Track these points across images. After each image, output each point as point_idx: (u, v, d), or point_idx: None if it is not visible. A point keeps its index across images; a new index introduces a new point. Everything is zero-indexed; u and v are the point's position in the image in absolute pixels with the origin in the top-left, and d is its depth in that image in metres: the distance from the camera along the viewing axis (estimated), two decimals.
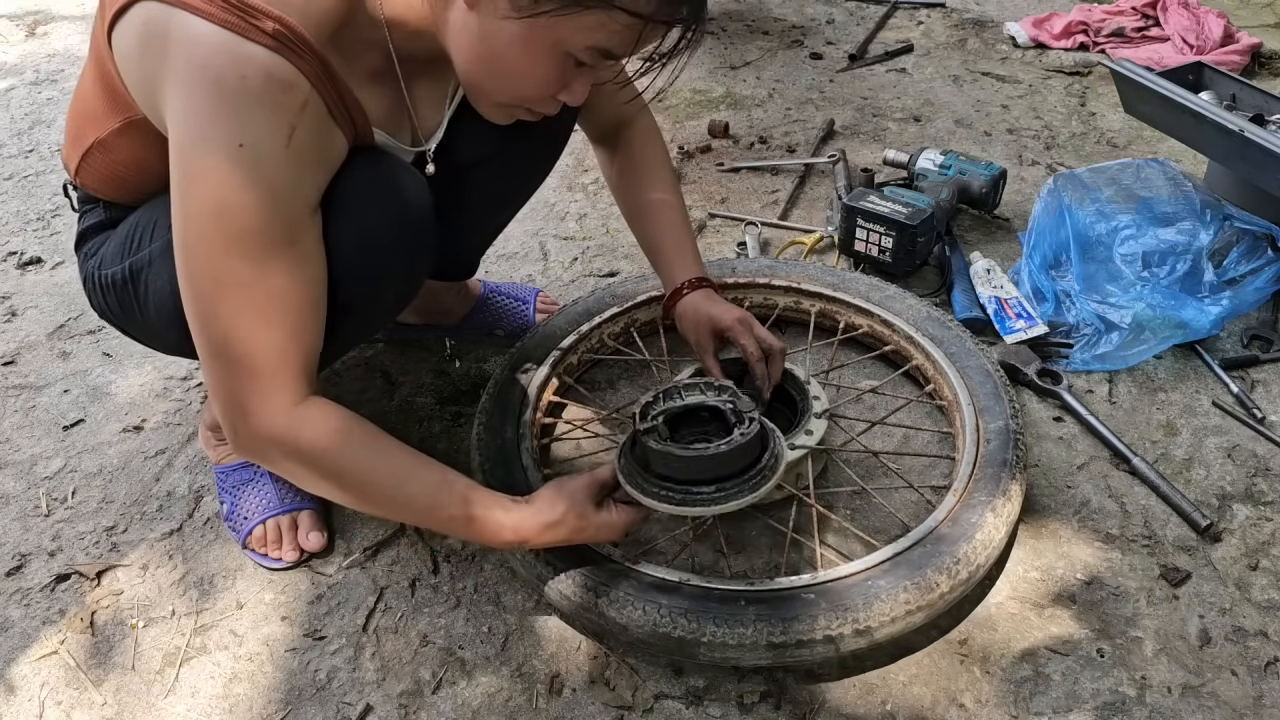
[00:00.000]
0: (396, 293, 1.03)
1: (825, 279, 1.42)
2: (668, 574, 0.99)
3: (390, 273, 0.97)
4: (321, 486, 0.90)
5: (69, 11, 2.94)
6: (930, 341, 1.30)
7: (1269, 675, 0.98)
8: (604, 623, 0.97)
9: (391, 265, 0.96)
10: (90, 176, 1.01)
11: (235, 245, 0.82)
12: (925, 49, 2.52)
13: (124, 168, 0.98)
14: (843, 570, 0.99)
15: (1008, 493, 1.06)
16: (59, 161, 2.10)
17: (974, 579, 1.01)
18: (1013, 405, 1.18)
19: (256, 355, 0.84)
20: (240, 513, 1.15)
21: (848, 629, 0.93)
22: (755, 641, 0.92)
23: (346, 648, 1.04)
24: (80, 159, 0.99)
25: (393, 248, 0.94)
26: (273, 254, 0.83)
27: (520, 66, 0.86)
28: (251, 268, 0.82)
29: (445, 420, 1.34)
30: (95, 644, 1.06)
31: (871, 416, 1.30)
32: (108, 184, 1.02)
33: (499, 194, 1.25)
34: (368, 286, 0.95)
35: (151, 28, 0.80)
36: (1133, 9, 2.52)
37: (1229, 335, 1.43)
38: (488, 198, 1.23)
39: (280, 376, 0.86)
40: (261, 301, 0.84)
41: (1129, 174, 1.55)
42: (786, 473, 1.13)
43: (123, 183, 1.01)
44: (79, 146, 0.99)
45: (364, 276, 0.93)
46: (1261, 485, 1.20)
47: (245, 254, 0.82)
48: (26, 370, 1.48)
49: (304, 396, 0.87)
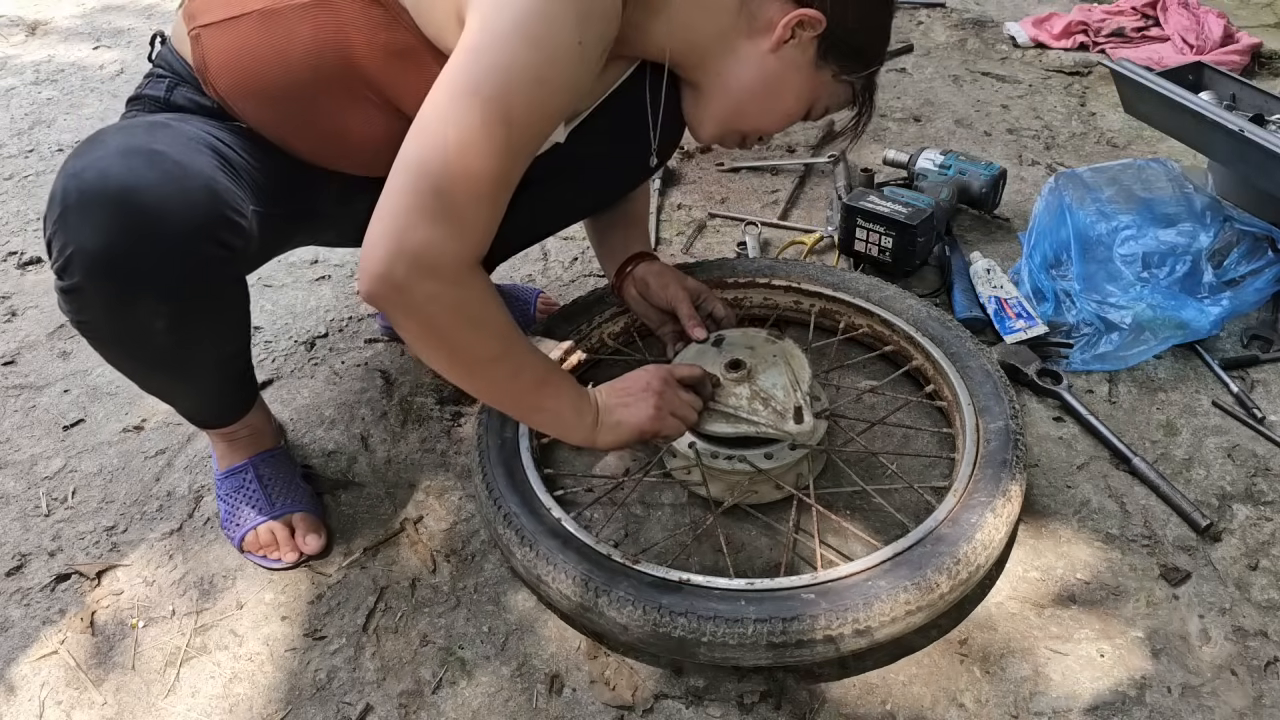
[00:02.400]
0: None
1: (825, 279, 1.43)
2: (667, 574, 0.99)
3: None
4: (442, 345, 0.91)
5: (69, 11, 2.94)
6: (930, 341, 1.30)
7: (1269, 675, 0.98)
8: (604, 622, 0.97)
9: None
10: (213, 43, 0.96)
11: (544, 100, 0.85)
12: (925, 49, 2.52)
13: (265, 50, 0.94)
14: (843, 570, 0.99)
15: (1008, 493, 1.06)
16: (59, 161, 2.10)
17: (974, 579, 1.01)
18: (1013, 405, 1.18)
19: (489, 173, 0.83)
20: (235, 519, 1.15)
21: (848, 629, 0.93)
22: (755, 641, 0.92)
23: (346, 647, 1.04)
24: (218, 20, 0.95)
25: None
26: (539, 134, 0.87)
27: (786, 107, 1.04)
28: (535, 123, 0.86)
29: (445, 420, 1.34)
30: (95, 644, 1.06)
31: (871, 416, 1.30)
32: (220, 57, 0.96)
33: (571, 202, 1.27)
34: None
35: None
36: (1132, 9, 2.52)
37: (1229, 335, 1.43)
38: (560, 204, 1.25)
39: (491, 230, 0.87)
40: (530, 139, 0.86)
41: (1130, 174, 1.55)
42: (786, 473, 1.13)
43: (238, 68, 0.96)
44: (232, 6, 0.94)
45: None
46: (1261, 485, 1.20)
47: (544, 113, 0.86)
48: (27, 370, 1.48)
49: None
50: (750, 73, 1.00)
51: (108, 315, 0.91)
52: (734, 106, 1.04)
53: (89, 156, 0.86)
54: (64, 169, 0.87)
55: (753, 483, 1.12)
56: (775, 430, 1.09)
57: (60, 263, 0.87)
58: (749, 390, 1.12)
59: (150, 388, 1.07)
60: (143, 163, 0.86)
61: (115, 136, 0.89)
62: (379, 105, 0.97)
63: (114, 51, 2.67)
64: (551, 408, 1.01)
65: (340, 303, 1.60)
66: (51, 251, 0.87)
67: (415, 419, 1.34)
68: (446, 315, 0.87)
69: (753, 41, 0.99)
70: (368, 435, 1.32)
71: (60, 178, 0.86)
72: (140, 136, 0.89)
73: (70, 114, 2.32)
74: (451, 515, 1.19)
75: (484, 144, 0.81)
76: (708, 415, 1.12)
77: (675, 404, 1.08)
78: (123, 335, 0.95)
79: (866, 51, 1.03)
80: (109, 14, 2.88)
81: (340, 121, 0.99)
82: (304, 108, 0.98)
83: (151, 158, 0.86)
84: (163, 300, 0.90)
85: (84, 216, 0.84)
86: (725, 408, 1.11)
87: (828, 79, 1.03)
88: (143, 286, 0.88)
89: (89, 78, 2.50)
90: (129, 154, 0.86)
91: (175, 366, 1.02)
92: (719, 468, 1.11)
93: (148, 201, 0.85)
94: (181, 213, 0.86)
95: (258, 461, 1.18)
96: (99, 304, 0.89)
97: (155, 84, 1.03)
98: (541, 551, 1.01)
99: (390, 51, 0.93)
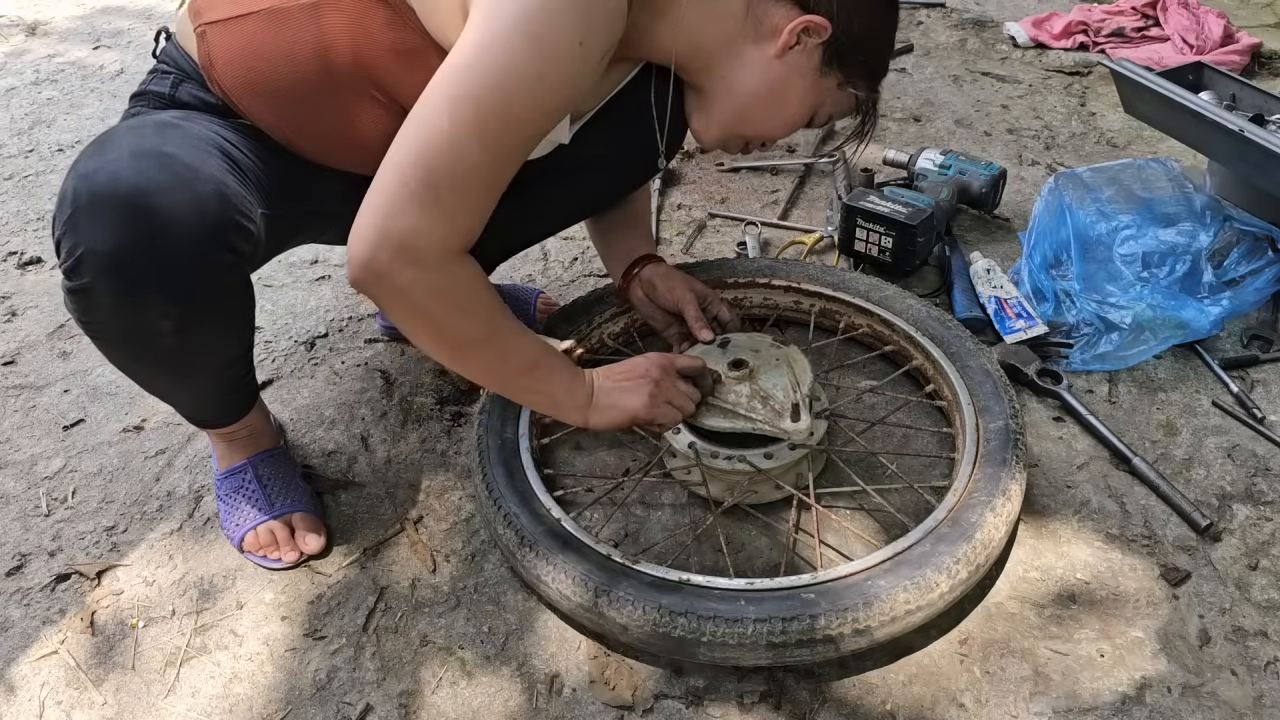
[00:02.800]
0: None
1: (825, 279, 1.43)
2: (667, 574, 0.99)
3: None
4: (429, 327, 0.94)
5: (69, 11, 2.94)
6: (931, 341, 1.30)
7: (1269, 675, 0.98)
8: (603, 623, 0.97)
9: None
10: (219, 40, 0.96)
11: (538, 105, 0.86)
12: (925, 49, 2.51)
13: (272, 50, 0.94)
14: (843, 570, 0.99)
15: (1008, 492, 1.06)
16: (60, 161, 2.10)
17: (974, 579, 1.01)
18: (1012, 405, 1.18)
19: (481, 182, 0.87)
20: (234, 519, 1.15)
21: (848, 629, 0.93)
22: (755, 641, 0.92)
23: (346, 647, 1.04)
24: (224, 18, 0.95)
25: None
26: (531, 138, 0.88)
27: (789, 113, 1.04)
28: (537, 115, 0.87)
29: (445, 420, 1.34)
30: (95, 644, 1.06)
31: (871, 416, 1.30)
32: (226, 55, 0.95)
33: (573, 202, 1.27)
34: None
35: None
36: (1132, 9, 2.52)
37: (1229, 335, 1.43)
38: (562, 204, 1.25)
39: (480, 222, 0.89)
40: (520, 143, 0.88)
41: (1130, 174, 1.55)
42: (786, 473, 1.13)
43: (244, 67, 0.96)
44: (239, 4, 0.94)
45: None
46: (1261, 485, 1.20)
47: (543, 110, 0.87)
48: (27, 370, 1.48)
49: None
50: (755, 77, 1.00)
51: (116, 316, 0.91)
52: (738, 111, 1.04)
53: (100, 158, 0.86)
54: (74, 170, 0.87)
55: (752, 483, 1.12)
56: (771, 428, 1.09)
57: (70, 263, 0.87)
58: (749, 389, 1.12)
59: (152, 388, 1.07)
60: (154, 165, 0.86)
61: (126, 137, 0.89)
62: (385, 104, 0.97)
63: (114, 52, 2.67)
64: (544, 389, 1.04)
65: (340, 303, 1.60)
66: (60, 252, 0.88)
67: (415, 419, 1.34)
68: (431, 300, 0.89)
69: (758, 46, 0.99)
70: (368, 435, 1.32)
71: (71, 178, 0.86)
72: (151, 138, 0.89)
73: (70, 114, 2.32)
74: (451, 515, 1.19)
75: (478, 137, 0.82)
76: (706, 409, 1.13)
77: (672, 393, 1.09)
78: (130, 336, 0.95)
79: (871, 60, 1.03)
80: (109, 14, 2.88)
81: (346, 120, 0.99)
82: (310, 107, 0.98)
83: (162, 160, 0.86)
84: (172, 303, 0.91)
85: (95, 218, 0.84)
86: (724, 404, 1.12)
87: (832, 86, 1.03)
88: (152, 289, 0.89)
89: (89, 78, 2.50)
90: (140, 156, 0.86)
91: (180, 367, 1.02)
92: (719, 467, 1.11)
93: (159, 205, 0.85)
94: (192, 217, 0.86)
95: (257, 461, 1.18)
96: (107, 305, 0.89)
97: (160, 80, 1.02)
98: (541, 552, 1.01)
99: (397, 51, 0.93)
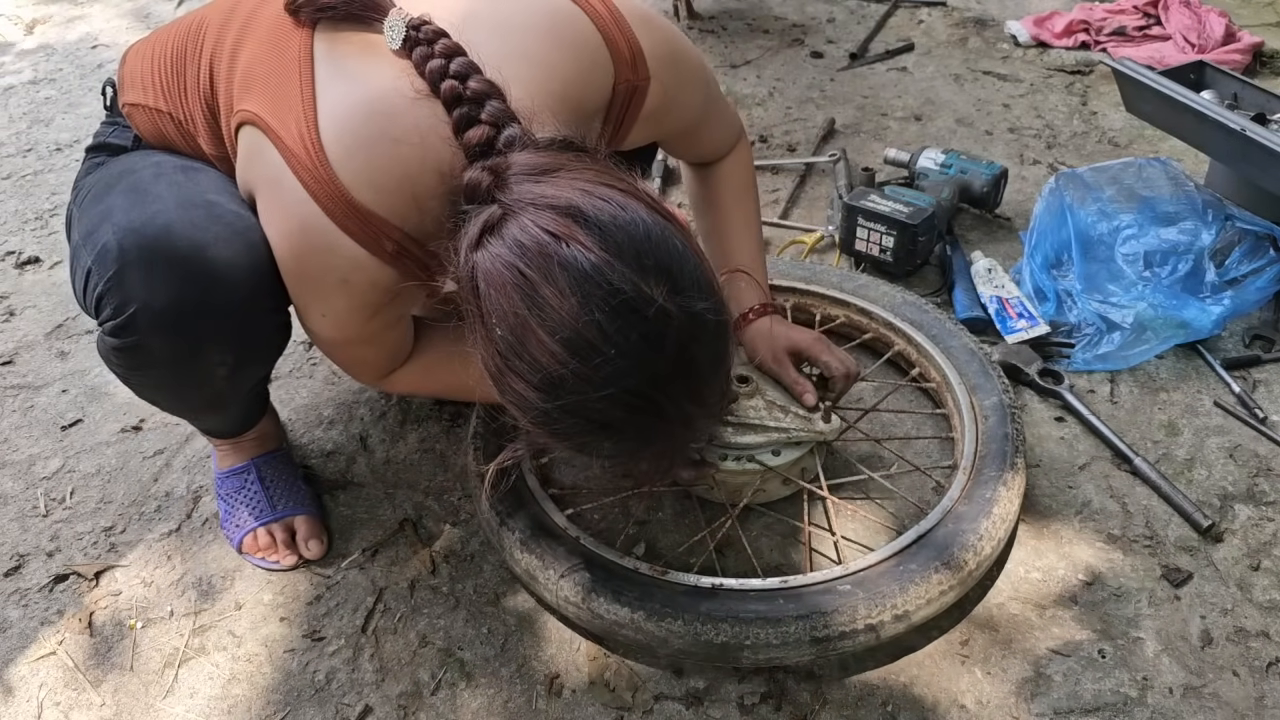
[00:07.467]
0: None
1: (796, 273, 1.43)
2: (699, 580, 0.98)
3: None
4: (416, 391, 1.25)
5: (68, 12, 2.94)
6: (910, 326, 1.32)
7: (1270, 676, 0.98)
8: (640, 637, 0.95)
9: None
10: (141, 120, 0.98)
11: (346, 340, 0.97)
12: (926, 48, 2.51)
13: (176, 140, 0.97)
14: (871, 559, 1.00)
15: (1015, 465, 1.09)
16: (58, 160, 2.09)
17: (997, 553, 1.03)
18: (1003, 381, 1.21)
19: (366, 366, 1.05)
20: (234, 520, 1.15)
21: (887, 615, 0.94)
22: (799, 639, 0.93)
23: (345, 649, 1.04)
24: (140, 103, 0.96)
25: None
26: (372, 338, 0.98)
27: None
28: (356, 349, 1.00)
29: (445, 420, 1.33)
30: (93, 645, 1.05)
31: (862, 405, 1.30)
32: (150, 133, 0.99)
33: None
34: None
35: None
36: (1134, 8, 2.51)
37: (1231, 335, 1.43)
38: None
39: (381, 371, 1.05)
40: (369, 352, 1.01)
41: (1131, 173, 1.54)
42: (792, 468, 1.13)
43: (166, 140, 0.98)
44: (148, 93, 0.96)
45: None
46: (1263, 485, 1.19)
47: (355, 341, 0.97)
48: (25, 370, 1.47)
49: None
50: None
51: (170, 368, 0.91)
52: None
53: (144, 209, 0.85)
54: (113, 222, 0.85)
55: (762, 481, 1.12)
56: (808, 433, 1.09)
57: (119, 321, 0.85)
58: (762, 401, 1.11)
59: (181, 414, 1.08)
60: (204, 215, 0.85)
61: (161, 185, 0.89)
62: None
63: (112, 51, 2.66)
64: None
65: None
66: (102, 308, 0.86)
67: (414, 419, 1.34)
68: (407, 389, 1.22)
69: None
70: (366, 435, 1.31)
71: (112, 232, 0.84)
72: (187, 186, 0.89)
73: (68, 113, 2.31)
74: (450, 516, 1.19)
75: (349, 364, 1.04)
76: (735, 429, 1.09)
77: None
78: (181, 382, 0.95)
79: None
80: (107, 14, 2.88)
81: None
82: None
83: (210, 210, 0.86)
84: (230, 350, 0.91)
85: (149, 273, 0.83)
86: (747, 420, 1.09)
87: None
88: (209, 338, 0.89)
89: (86, 77, 2.50)
90: (187, 206, 0.86)
91: (221, 401, 1.04)
92: (728, 469, 1.10)
93: (216, 256, 0.84)
94: (247, 265, 0.86)
95: (260, 463, 1.17)
96: (164, 359, 0.89)
97: (121, 133, 1.02)
98: (566, 573, 0.99)
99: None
